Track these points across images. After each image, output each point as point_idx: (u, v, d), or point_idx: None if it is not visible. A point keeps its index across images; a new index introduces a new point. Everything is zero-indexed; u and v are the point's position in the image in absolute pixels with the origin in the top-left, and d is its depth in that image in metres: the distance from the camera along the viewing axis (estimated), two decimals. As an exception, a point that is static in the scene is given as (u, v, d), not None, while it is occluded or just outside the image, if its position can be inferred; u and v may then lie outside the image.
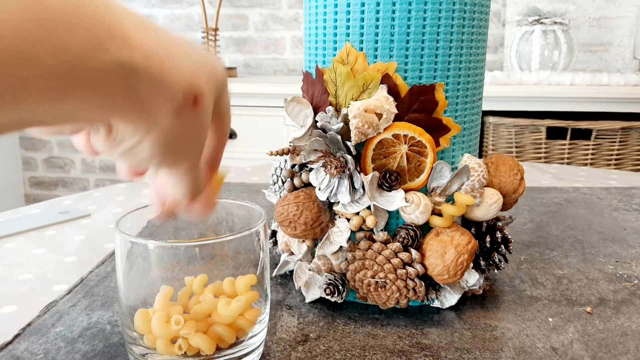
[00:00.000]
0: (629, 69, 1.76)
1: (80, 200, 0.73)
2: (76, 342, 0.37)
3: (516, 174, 0.43)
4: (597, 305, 0.43)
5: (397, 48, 0.38)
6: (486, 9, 0.41)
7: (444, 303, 0.42)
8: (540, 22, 1.53)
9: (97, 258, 0.53)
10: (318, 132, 0.39)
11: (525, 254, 0.54)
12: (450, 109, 0.40)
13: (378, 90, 0.38)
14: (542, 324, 0.40)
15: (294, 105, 0.41)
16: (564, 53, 1.53)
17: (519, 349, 0.37)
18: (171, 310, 0.32)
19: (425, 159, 0.39)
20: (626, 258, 0.53)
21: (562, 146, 1.41)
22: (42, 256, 0.54)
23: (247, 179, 0.86)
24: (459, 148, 0.41)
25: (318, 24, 0.41)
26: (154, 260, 0.32)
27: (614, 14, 1.75)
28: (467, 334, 0.39)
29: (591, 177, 0.89)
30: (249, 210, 0.37)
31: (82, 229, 0.62)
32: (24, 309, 0.43)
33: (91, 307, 0.42)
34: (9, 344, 0.37)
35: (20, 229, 0.61)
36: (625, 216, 0.67)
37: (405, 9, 0.37)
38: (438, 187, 0.39)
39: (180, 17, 2.04)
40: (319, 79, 0.41)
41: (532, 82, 1.43)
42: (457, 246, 0.38)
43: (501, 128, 1.44)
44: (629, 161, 1.41)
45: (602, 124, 1.37)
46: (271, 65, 2.04)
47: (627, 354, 0.36)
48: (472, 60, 0.40)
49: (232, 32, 2.02)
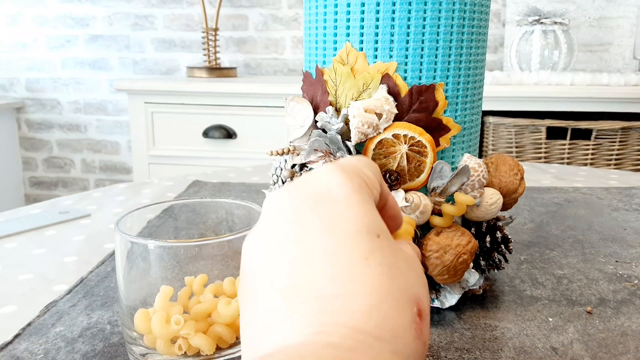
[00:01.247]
0: (629, 69, 1.76)
1: (80, 200, 0.73)
2: (76, 342, 0.37)
3: (516, 174, 0.43)
4: (597, 305, 0.43)
5: (397, 48, 0.38)
6: (486, 9, 0.41)
7: (444, 303, 0.42)
8: (540, 22, 1.53)
9: (97, 258, 0.53)
10: (318, 132, 0.39)
11: (525, 254, 0.54)
12: (450, 109, 0.40)
13: (378, 90, 0.38)
14: (542, 324, 0.40)
15: (294, 105, 0.41)
16: (564, 53, 1.53)
17: (519, 349, 0.37)
18: (171, 310, 0.32)
19: (425, 159, 0.39)
20: (626, 258, 0.53)
21: (562, 146, 1.41)
22: (42, 256, 0.54)
23: (247, 179, 0.86)
24: (459, 148, 0.41)
25: (318, 24, 0.41)
26: (154, 260, 0.32)
27: (614, 14, 1.75)
28: (467, 334, 0.39)
29: (591, 177, 0.89)
30: (249, 210, 0.37)
31: (82, 229, 0.62)
32: (24, 309, 0.43)
33: (91, 307, 0.42)
34: (9, 344, 0.37)
35: (20, 229, 0.61)
36: (625, 216, 0.67)
37: (405, 9, 0.37)
38: (438, 187, 0.39)
39: (180, 17, 2.04)
40: (319, 79, 0.41)
41: (532, 82, 1.43)
42: (457, 246, 0.38)
43: (501, 128, 1.44)
44: (629, 161, 1.41)
45: (602, 124, 1.37)
46: (271, 65, 2.04)
47: (627, 354, 0.36)
48: (472, 60, 0.40)
49: (232, 32, 2.02)
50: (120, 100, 2.13)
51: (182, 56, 2.06)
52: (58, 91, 2.16)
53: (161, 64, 2.08)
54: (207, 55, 1.85)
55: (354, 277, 0.19)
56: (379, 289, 0.19)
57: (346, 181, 0.21)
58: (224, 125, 1.60)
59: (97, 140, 2.17)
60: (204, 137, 1.61)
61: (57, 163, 2.22)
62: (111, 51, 2.10)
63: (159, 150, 1.65)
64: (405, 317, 0.19)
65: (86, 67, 2.13)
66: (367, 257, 0.19)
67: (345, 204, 0.21)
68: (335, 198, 0.21)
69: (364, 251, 0.19)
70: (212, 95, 1.59)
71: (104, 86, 2.13)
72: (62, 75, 2.14)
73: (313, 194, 0.21)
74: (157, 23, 2.05)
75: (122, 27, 2.08)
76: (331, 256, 0.19)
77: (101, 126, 2.16)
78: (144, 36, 2.07)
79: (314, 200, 0.21)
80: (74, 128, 2.18)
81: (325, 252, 0.19)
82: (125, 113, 2.12)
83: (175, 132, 1.63)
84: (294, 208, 0.21)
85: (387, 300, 0.18)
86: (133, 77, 2.10)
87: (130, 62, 2.10)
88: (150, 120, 1.63)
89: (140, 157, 1.66)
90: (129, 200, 0.73)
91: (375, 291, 0.18)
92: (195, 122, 1.61)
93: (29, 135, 2.21)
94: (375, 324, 0.18)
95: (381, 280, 0.19)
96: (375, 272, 0.19)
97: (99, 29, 2.09)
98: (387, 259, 0.20)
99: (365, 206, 0.21)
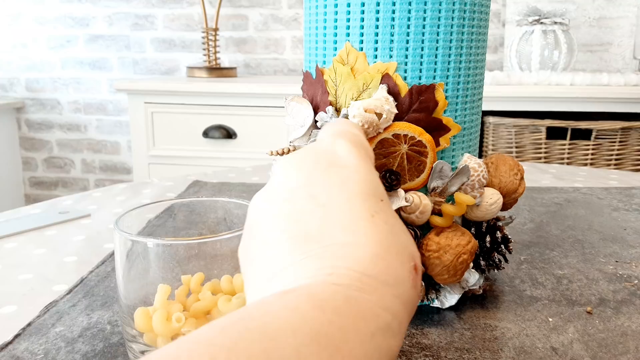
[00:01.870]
0: (629, 69, 1.76)
1: (80, 200, 0.73)
2: (76, 342, 0.37)
3: (516, 174, 0.43)
4: (597, 305, 0.43)
5: (397, 48, 0.38)
6: (486, 9, 0.41)
7: (444, 303, 0.42)
8: (540, 22, 1.53)
9: (97, 258, 0.53)
10: (318, 132, 0.39)
11: (525, 254, 0.54)
12: (450, 109, 0.40)
13: (378, 90, 0.38)
14: (542, 324, 0.40)
15: (294, 105, 0.41)
16: (564, 53, 1.53)
17: (519, 349, 0.37)
18: (171, 308, 0.32)
19: (425, 159, 0.39)
20: (626, 258, 0.53)
21: (562, 146, 1.41)
22: (42, 256, 0.54)
23: (247, 179, 0.86)
24: (459, 148, 0.41)
25: (318, 24, 0.41)
26: (154, 258, 0.32)
27: (614, 14, 1.75)
28: (467, 334, 0.39)
29: (591, 177, 0.89)
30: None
31: (82, 229, 0.62)
32: (24, 309, 0.43)
33: (91, 307, 0.42)
34: (9, 344, 0.37)
35: (20, 229, 0.61)
36: (625, 216, 0.67)
37: (405, 9, 0.37)
38: (438, 187, 0.39)
39: (180, 17, 2.04)
40: (319, 79, 0.41)
41: (532, 82, 1.43)
42: (457, 246, 0.38)
43: (501, 128, 1.44)
44: (629, 161, 1.41)
45: (602, 124, 1.37)
46: (271, 65, 2.04)
47: (627, 354, 0.36)
48: (472, 60, 0.40)
49: (232, 32, 2.02)
50: (120, 100, 2.13)
51: (182, 56, 2.06)
52: (58, 91, 2.16)
53: (161, 64, 2.08)
54: (207, 55, 1.85)
55: (363, 229, 0.21)
56: (384, 242, 0.21)
57: (353, 150, 0.24)
58: (224, 125, 1.60)
59: (97, 140, 2.17)
60: (204, 137, 1.61)
61: (57, 163, 2.22)
62: (111, 51, 2.10)
63: (159, 150, 1.65)
64: (405, 268, 0.21)
65: (86, 67, 2.13)
66: (373, 215, 0.22)
67: (353, 169, 0.23)
68: (345, 164, 0.24)
69: (371, 209, 0.22)
70: (212, 95, 1.59)
71: (104, 86, 2.13)
72: (62, 75, 2.14)
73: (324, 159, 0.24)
74: (157, 23, 2.05)
75: (122, 27, 2.08)
76: (342, 210, 0.21)
77: (101, 126, 2.16)
78: (144, 36, 2.07)
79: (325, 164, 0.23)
80: (74, 128, 2.18)
81: (337, 206, 0.22)
82: (125, 113, 2.13)
83: (175, 132, 1.63)
84: (307, 169, 0.23)
85: (390, 252, 0.21)
86: (133, 77, 2.10)
87: (130, 62, 2.10)
88: (150, 120, 1.63)
89: (140, 157, 1.66)
90: (129, 200, 0.73)
91: (381, 243, 0.21)
92: (195, 122, 1.61)
93: (29, 135, 2.21)
94: (380, 270, 0.20)
95: (386, 234, 0.21)
96: (380, 228, 0.21)
97: (99, 29, 2.09)
98: (390, 219, 0.22)
99: (370, 173, 0.24)
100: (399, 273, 0.21)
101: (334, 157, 0.24)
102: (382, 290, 0.19)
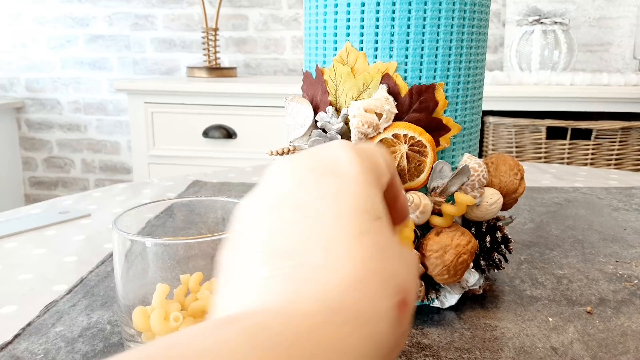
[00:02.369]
0: (629, 69, 1.76)
1: (80, 200, 0.73)
2: (76, 342, 0.37)
3: (516, 173, 0.43)
4: (597, 305, 0.43)
5: (397, 48, 0.38)
6: (486, 9, 0.41)
7: (444, 303, 0.41)
8: (540, 22, 1.53)
9: (97, 258, 0.53)
10: (318, 132, 0.39)
11: (525, 254, 0.54)
12: (450, 109, 0.40)
13: (378, 90, 0.38)
14: (542, 324, 0.40)
15: (294, 105, 0.41)
16: (564, 53, 1.52)
17: (519, 349, 0.37)
18: (169, 308, 0.32)
19: (425, 159, 0.39)
20: (626, 258, 0.53)
21: (562, 146, 1.41)
22: (42, 256, 0.54)
23: (247, 179, 0.86)
24: (459, 148, 0.41)
25: (318, 24, 0.41)
26: (152, 258, 0.32)
27: (614, 14, 1.75)
28: (467, 333, 0.39)
29: (591, 177, 0.89)
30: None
31: (82, 229, 0.62)
32: (24, 309, 0.43)
33: (91, 307, 0.42)
34: (9, 344, 0.37)
35: (20, 229, 0.61)
36: (625, 216, 0.67)
37: (405, 9, 0.37)
38: (438, 187, 0.39)
39: (180, 17, 2.04)
40: (319, 79, 0.41)
41: (532, 82, 1.43)
42: (457, 246, 0.38)
43: (501, 128, 1.44)
44: (629, 161, 1.41)
45: (602, 124, 1.37)
46: (271, 65, 2.04)
47: (627, 354, 0.36)
48: (472, 60, 0.40)
49: (232, 32, 2.02)
50: (120, 100, 2.13)
51: (182, 56, 2.06)
52: (58, 91, 2.16)
53: (161, 64, 2.08)
54: (207, 55, 1.85)
55: (346, 250, 0.18)
56: (365, 267, 0.18)
57: (356, 159, 0.21)
58: (224, 125, 1.60)
59: (97, 140, 2.17)
60: (204, 137, 1.61)
61: (57, 163, 2.22)
62: (111, 51, 2.10)
63: (159, 150, 1.65)
64: (387, 302, 0.18)
65: (86, 67, 2.13)
66: (362, 234, 0.19)
67: (351, 180, 0.21)
68: (342, 173, 0.21)
69: (360, 228, 0.19)
70: (212, 95, 1.59)
71: (104, 86, 2.13)
72: (62, 75, 2.14)
73: (320, 165, 0.21)
74: (157, 23, 2.05)
75: (122, 27, 2.08)
76: (328, 225, 0.19)
77: (101, 126, 2.16)
78: (144, 36, 2.07)
79: (320, 171, 0.21)
80: (74, 128, 2.18)
81: (323, 220, 0.19)
82: (125, 113, 2.13)
83: (175, 132, 1.63)
84: (299, 175, 0.21)
85: (371, 280, 0.18)
86: (133, 77, 2.10)
87: (130, 62, 2.10)
88: (150, 120, 1.63)
89: (140, 157, 1.66)
90: (129, 200, 0.73)
91: (363, 269, 0.18)
92: (195, 122, 1.61)
93: (29, 135, 2.21)
94: (353, 301, 0.17)
95: (371, 259, 0.18)
96: (366, 251, 0.19)
97: (99, 29, 2.09)
98: (382, 242, 0.19)
99: (370, 188, 0.21)
100: (378, 307, 0.18)
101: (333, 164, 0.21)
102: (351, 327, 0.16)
